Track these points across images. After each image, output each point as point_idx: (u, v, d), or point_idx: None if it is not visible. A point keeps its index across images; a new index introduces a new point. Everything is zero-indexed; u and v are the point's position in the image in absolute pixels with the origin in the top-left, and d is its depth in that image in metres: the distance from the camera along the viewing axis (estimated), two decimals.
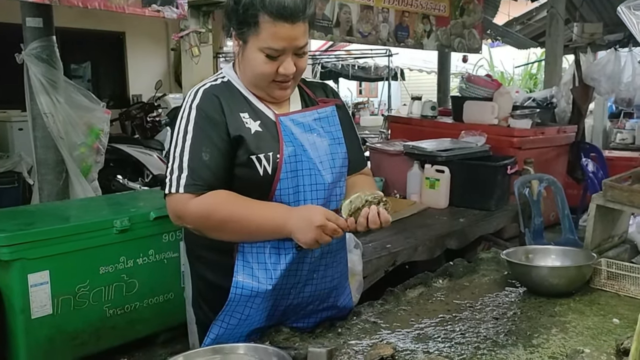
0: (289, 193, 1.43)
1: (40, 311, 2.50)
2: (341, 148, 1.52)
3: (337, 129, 1.53)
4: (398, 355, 1.36)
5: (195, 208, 1.35)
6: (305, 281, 1.51)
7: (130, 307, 2.79)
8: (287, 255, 1.44)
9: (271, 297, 1.46)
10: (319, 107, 1.54)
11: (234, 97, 1.46)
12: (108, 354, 2.78)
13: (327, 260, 1.54)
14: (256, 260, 1.45)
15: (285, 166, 1.41)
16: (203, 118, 1.40)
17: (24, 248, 2.45)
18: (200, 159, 1.36)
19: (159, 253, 2.87)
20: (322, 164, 1.46)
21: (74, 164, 3.49)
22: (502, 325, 1.54)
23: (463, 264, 2.05)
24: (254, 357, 1.18)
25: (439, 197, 4.07)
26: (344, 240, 1.62)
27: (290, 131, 1.45)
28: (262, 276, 1.44)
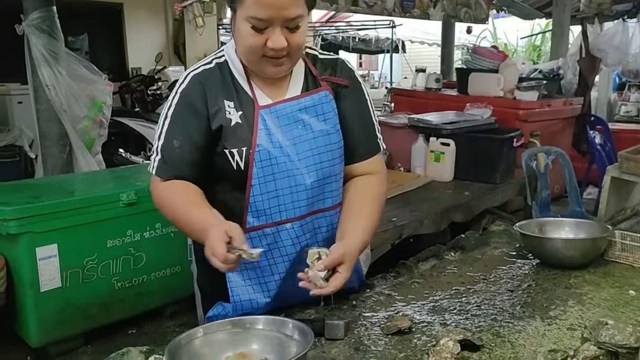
0: (263, 199, 1.36)
1: (49, 284, 2.50)
2: (332, 139, 1.40)
3: (328, 117, 1.40)
4: (415, 327, 1.35)
5: (156, 195, 1.38)
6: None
7: (138, 280, 2.80)
8: (278, 265, 1.42)
9: (274, 301, 1.45)
10: (304, 96, 1.40)
11: (224, 83, 1.38)
12: (117, 327, 2.79)
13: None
14: (247, 276, 1.42)
15: (257, 171, 1.34)
16: (184, 105, 1.36)
17: (31, 221, 2.44)
18: (172, 146, 1.35)
19: (166, 226, 2.86)
20: (303, 162, 1.37)
21: (78, 137, 3.46)
22: (517, 297, 1.53)
23: (474, 237, 2.04)
24: (274, 330, 1.17)
25: (444, 170, 4.05)
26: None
27: (268, 128, 1.35)
28: (258, 291, 1.43)
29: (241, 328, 1.18)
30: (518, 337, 1.30)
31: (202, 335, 1.15)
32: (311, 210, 1.41)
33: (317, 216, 1.43)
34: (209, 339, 1.15)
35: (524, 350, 1.24)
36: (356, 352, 1.25)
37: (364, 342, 1.29)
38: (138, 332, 2.84)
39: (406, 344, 1.27)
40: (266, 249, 1.37)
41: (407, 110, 4.71)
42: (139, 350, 1.26)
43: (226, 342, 1.15)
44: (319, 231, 1.44)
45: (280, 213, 1.38)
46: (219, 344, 1.14)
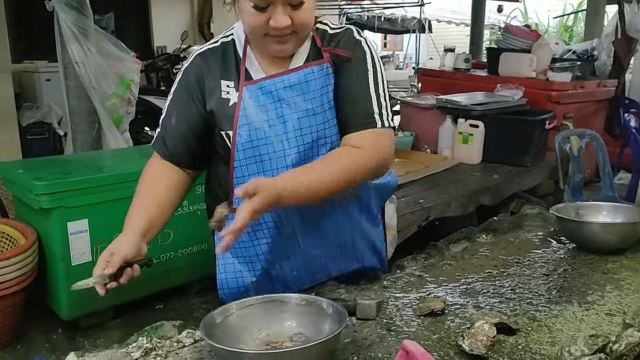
0: (245, 181, 1.26)
1: (80, 258, 2.54)
2: (317, 119, 1.32)
3: (314, 96, 1.31)
4: (448, 309, 1.33)
5: (144, 170, 1.41)
6: (312, 264, 1.45)
7: (166, 256, 2.82)
8: (262, 246, 1.40)
9: (269, 284, 1.43)
10: (289, 72, 1.32)
11: (226, 62, 1.35)
12: (145, 302, 2.83)
13: (328, 235, 1.45)
14: (234, 254, 1.41)
15: (238, 153, 1.31)
16: (183, 83, 1.37)
17: (63, 196, 2.47)
18: (169, 122, 1.37)
19: (193, 204, 2.88)
20: (286, 143, 1.31)
21: (106, 114, 3.48)
22: (553, 282, 1.50)
23: (507, 219, 2.00)
24: (308, 306, 1.16)
25: (472, 152, 3.99)
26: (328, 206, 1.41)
27: (250, 107, 1.31)
28: (243, 269, 1.42)
29: (275, 303, 1.17)
30: (555, 322, 1.27)
31: (236, 310, 1.14)
32: None
33: None
34: (243, 314, 1.14)
35: (562, 335, 1.21)
36: (388, 333, 1.23)
37: (396, 323, 1.27)
38: (165, 308, 2.89)
39: (439, 325, 1.25)
40: (249, 229, 1.34)
41: (435, 91, 4.63)
42: (172, 324, 1.27)
43: (260, 317, 1.14)
44: (304, 210, 1.39)
45: None
46: (252, 318, 1.14)
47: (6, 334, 2.51)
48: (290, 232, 1.40)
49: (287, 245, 1.41)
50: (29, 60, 5.95)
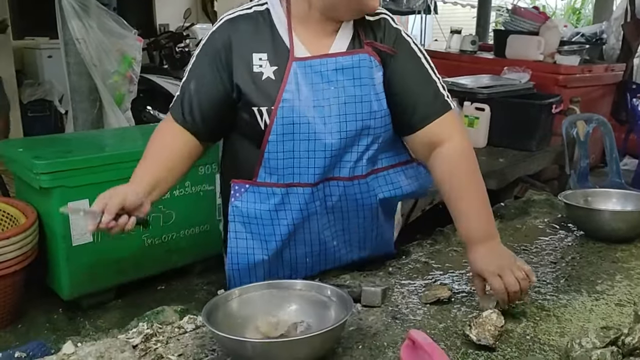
0: (278, 158, 1.27)
1: (81, 239, 2.52)
2: (364, 107, 1.28)
3: (364, 83, 1.27)
4: (454, 297, 1.31)
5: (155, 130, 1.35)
6: (324, 250, 1.41)
7: (168, 237, 2.81)
8: (282, 227, 1.34)
9: (278, 265, 1.39)
10: (343, 54, 1.28)
11: (259, 33, 1.28)
12: (147, 282, 2.82)
13: (348, 227, 1.42)
14: (249, 230, 1.36)
15: (277, 127, 1.25)
16: (208, 50, 1.29)
17: (63, 176, 2.44)
18: (188, 88, 1.30)
19: (195, 185, 2.85)
20: (328, 126, 1.27)
21: (108, 92, 3.44)
22: (561, 270, 1.47)
23: (514, 205, 1.97)
24: (312, 294, 1.13)
25: (478, 136, 3.94)
26: (356, 201, 1.39)
27: (298, 83, 1.25)
28: (256, 247, 1.36)
29: (278, 290, 1.14)
30: (564, 312, 1.24)
31: (239, 296, 1.12)
32: (325, 177, 1.32)
33: (331, 184, 1.33)
34: (246, 300, 1.12)
35: (571, 325, 1.18)
36: (394, 321, 1.21)
37: (402, 311, 1.25)
38: (167, 289, 2.87)
39: (446, 314, 1.23)
40: (272, 208, 1.32)
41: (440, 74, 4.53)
42: (174, 309, 1.25)
43: (263, 304, 1.12)
44: (330, 199, 1.35)
45: (294, 175, 1.30)
46: (255, 305, 1.12)
47: (7, 313, 2.50)
48: (315, 220, 1.36)
49: (307, 231, 1.37)
50: (30, 37, 5.87)
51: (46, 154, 2.53)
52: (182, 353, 1.09)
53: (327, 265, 1.44)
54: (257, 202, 1.33)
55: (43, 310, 2.64)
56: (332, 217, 1.38)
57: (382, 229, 1.51)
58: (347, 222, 1.41)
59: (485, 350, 1.08)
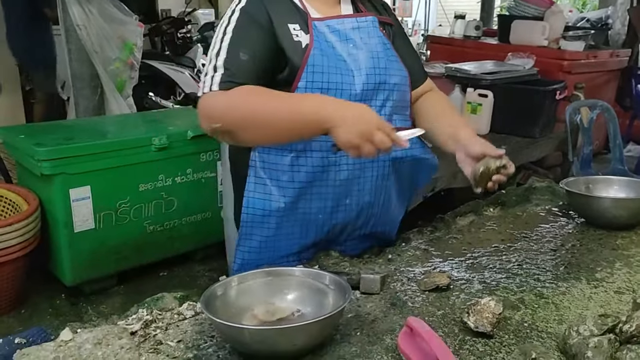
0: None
1: (83, 225, 2.53)
2: (379, 63, 1.37)
3: (376, 42, 1.39)
4: (453, 285, 1.31)
5: (222, 102, 1.22)
6: (336, 206, 1.41)
7: (170, 224, 2.81)
8: (301, 173, 1.35)
9: (291, 218, 1.39)
10: (357, 16, 1.39)
11: (284, 5, 1.34)
12: (149, 269, 2.84)
13: (362, 186, 1.43)
14: (269, 176, 1.37)
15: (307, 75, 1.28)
16: (246, 20, 1.28)
17: (64, 163, 2.44)
18: (238, 58, 1.24)
19: (197, 172, 2.85)
20: (350, 78, 1.33)
21: (109, 79, 3.42)
22: (561, 257, 1.47)
23: (515, 193, 1.96)
24: (310, 281, 1.14)
25: (481, 122, 3.91)
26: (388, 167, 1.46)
27: (319, 41, 1.31)
28: (274, 193, 1.37)
29: (276, 278, 1.15)
30: (563, 299, 1.24)
31: (237, 284, 1.12)
32: None
33: None
34: (244, 288, 1.12)
35: (569, 313, 1.18)
36: (392, 308, 1.21)
37: (401, 298, 1.25)
38: (169, 275, 2.89)
39: (444, 301, 1.23)
40: (292, 154, 1.34)
41: (444, 60, 4.53)
42: (174, 296, 1.25)
43: (261, 291, 1.12)
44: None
45: None
46: (254, 292, 1.12)
47: (10, 298, 2.52)
48: (332, 173, 1.37)
49: (324, 184, 1.37)
50: None
51: (47, 140, 2.53)
52: (181, 339, 1.09)
53: (334, 229, 1.44)
54: (279, 148, 1.34)
55: (46, 296, 2.66)
56: (347, 173, 1.38)
57: (391, 204, 1.53)
58: (362, 180, 1.41)
59: (482, 337, 1.08)
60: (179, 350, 1.06)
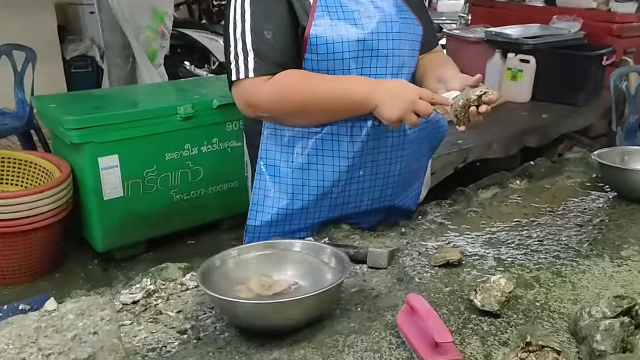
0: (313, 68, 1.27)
1: (112, 193, 2.58)
2: (393, 27, 1.31)
3: (389, 4, 1.32)
4: (466, 261, 1.25)
5: (268, 91, 1.23)
6: (349, 179, 1.37)
7: (196, 193, 2.83)
8: (310, 140, 1.32)
9: (304, 191, 1.36)
10: None
11: None
12: (177, 237, 2.88)
13: (377, 157, 1.38)
14: (280, 143, 1.35)
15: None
16: None
17: (93, 132, 2.47)
18: (264, 39, 1.23)
19: (223, 142, 2.84)
20: (361, 44, 1.28)
21: (140, 48, 3.43)
22: (586, 234, 1.38)
23: (545, 165, 1.86)
24: (310, 254, 1.11)
25: (521, 90, 3.77)
26: (402, 137, 1.40)
27: (327, 6, 1.26)
28: (283, 159, 1.35)
29: (276, 251, 1.12)
30: (582, 278, 1.17)
31: (236, 256, 1.10)
32: None
33: None
34: (243, 261, 1.10)
35: (587, 293, 1.12)
36: (399, 283, 1.17)
37: (409, 273, 1.20)
38: (197, 243, 2.92)
39: (454, 278, 1.18)
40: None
41: (486, 24, 4.35)
42: (178, 267, 1.25)
43: (260, 265, 1.10)
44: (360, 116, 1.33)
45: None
46: (252, 266, 1.10)
47: (45, 263, 2.61)
48: (344, 144, 1.33)
49: (336, 155, 1.34)
50: None
51: (77, 110, 2.56)
52: (181, 310, 1.09)
53: (350, 199, 1.40)
54: None
55: (79, 261, 2.74)
56: (361, 145, 1.34)
57: (409, 174, 1.48)
58: (377, 151, 1.37)
59: (489, 317, 1.03)
60: (177, 321, 1.06)
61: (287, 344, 0.96)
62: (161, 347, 0.98)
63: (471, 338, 0.98)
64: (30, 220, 2.43)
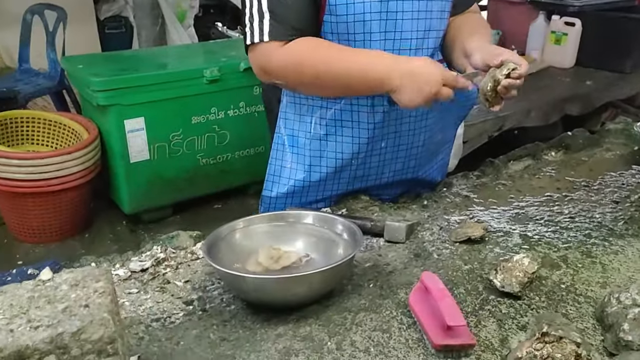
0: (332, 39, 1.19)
1: (138, 156, 2.58)
2: (420, 6, 1.21)
3: None
4: (489, 237, 1.18)
5: (283, 58, 1.16)
6: (370, 150, 1.31)
7: (222, 157, 2.81)
8: (328, 110, 1.26)
9: (322, 162, 1.31)
10: None
11: None
12: (204, 201, 2.88)
13: (399, 127, 1.30)
14: (299, 112, 1.29)
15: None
16: None
17: (119, 94, 2.47)
18: (281, 0, 1.16)
19: (250, 105, 2.80)
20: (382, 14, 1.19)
21: (169, 7, 3.38)
22: (622, 211, 1.29)
23: (583, 135, 1.75)
24: (321, 226, 1.06)
25: (565, 54, 3.58)
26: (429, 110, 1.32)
27: None
28: (302, 129, 1.30)
29: (286, 222, 1.08)
30: (613, 259, 1.09)
31: (244, 227, 1.07)
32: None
33: None
34: (251, 232, 1.07)
35: (617, 276, 1.04)
36: (415, 259, 1.12)
37: (427, 249, 1.15)
38: (223, 207, 2.92)
39: (475, 254, 1.12)
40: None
41: None
42: (189, 234, 1.22)
43: (268, 236, 1.06)
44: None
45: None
46: (260, 237, 1.06)
47: (74, 223, 2.66)
48: (364, 115, 1.27)
49: (355, 125, 1.28)
50: None
51: (104, 71, 2.55)
52: (189, 279, 1.07)
53: (370, 170, 1.35)
54: None
55: (108, 221, 2.79)
56: (382, 115, 1.27)
57: (434, 144, 1.41)
58: (399, 121, 1.30)
59: (508, 298, 0.97)
60: (184, 290, 1.03)
61: (293, 320, 0.93)
62: (165, 318, 0.96)
63: (487, 320, 0.92)
64: (59, 181, 2.46)
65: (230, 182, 2.88)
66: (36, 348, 0.64)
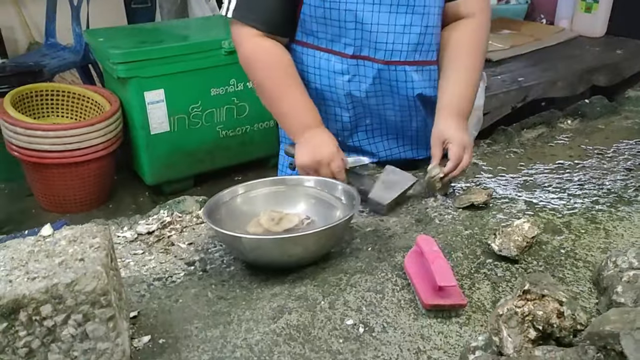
0: (312, 21, 1.21)
1: (158, 128, 2.62)
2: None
3: None
4: (493, 203, 1.18)
5: (248, 51, 1.22)
6: (355, 127, 1.33)
7: (242, 130, 2.83)
8: (310, 89, 1.27)
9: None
10: None
11: None
12: (224, 172, 2.92)
13: (382, 109, 1.30)
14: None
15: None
16: None
17: (138, 66, 2.50)
18: None
19: None
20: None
21: None
22: (634, 179, 1.26)
23: (601, 103, 1.70)
24: (322, 190, 1.07)
25: (595, 22, 3.44)
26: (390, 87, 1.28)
27: None
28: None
29: (287, 186, 1.09)
30: (617, 225, 1.07)
31: (244, 192, 1.09)
32: (360, 56, 1.22)
33: (365, 63, 1.22)
34: (251, 196, 1.09)
35: (620, 241, 1.02)
36: (416, 224, 1.12)
37: (429, 214, 1.15)
38: (243, 179, 2.89)
39: (477, 220, 1.11)
40: (304, 69, 1.28)
41: None
42: (195, 199, 1.25)
43: (269, 200, 1.08)
44: (364, 80, 1.25)
45: (327, 41, 1.23)
46: (262, 201, 1.08)
47: (97, 194, 2.73)
48: (342, 100, 1.28)
49: (335, 103, 1.30)
50: None
51: (123, 43, 2.58)
52: (192, 242, 1.09)
53: (357, 150, 1.36)
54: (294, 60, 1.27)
55: (130, 192, 2.85)
56: (361, 108, 1.28)
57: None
58: (383, 110, 1.30)
59: (505, 262, 0.97)
60: (187, 252, 1.06)
61: (290, 280, 0.95)
62: (167, 277, 0.99)
63: (481, 283, 0.92)
64: (82, 152, 2.52)
65: (250, 154, 2.91)
66: (32, 297, 0.68)
